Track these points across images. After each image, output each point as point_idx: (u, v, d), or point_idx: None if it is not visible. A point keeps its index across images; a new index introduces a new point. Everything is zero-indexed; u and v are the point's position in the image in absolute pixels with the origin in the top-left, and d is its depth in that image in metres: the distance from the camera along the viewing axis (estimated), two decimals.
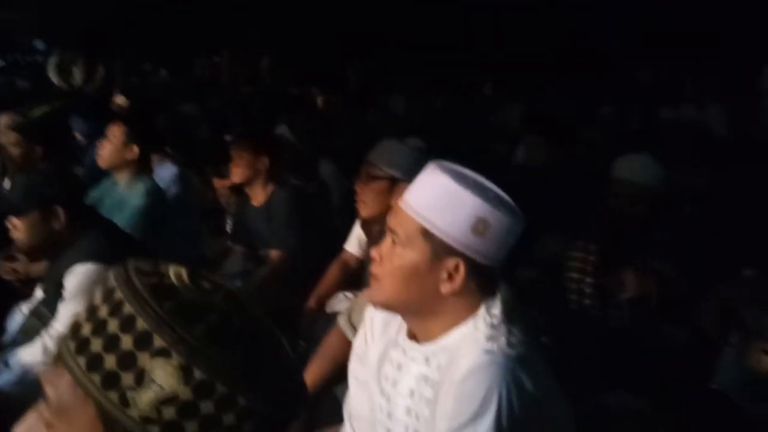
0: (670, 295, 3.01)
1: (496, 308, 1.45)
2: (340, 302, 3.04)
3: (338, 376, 2.35)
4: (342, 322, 2.39)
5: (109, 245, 2.37)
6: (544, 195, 3.95)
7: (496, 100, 7.06)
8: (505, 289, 1.61)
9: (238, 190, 4.23)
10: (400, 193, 2.16)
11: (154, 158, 3.67)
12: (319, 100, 6.23)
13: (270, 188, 3.50)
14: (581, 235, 3.16)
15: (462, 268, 1.42)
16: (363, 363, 1.68)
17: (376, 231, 2.88)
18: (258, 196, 3.54)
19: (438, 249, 1.42)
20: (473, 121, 6.56)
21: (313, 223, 3.46)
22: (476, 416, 1.35)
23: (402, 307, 1.52)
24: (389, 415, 1.56)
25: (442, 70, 7.68)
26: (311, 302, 3.09)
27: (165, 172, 3.77)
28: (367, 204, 2.78)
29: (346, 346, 2.30)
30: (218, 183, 4.38)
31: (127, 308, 0.84)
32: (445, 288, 1.43)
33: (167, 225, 3.30)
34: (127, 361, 0.82)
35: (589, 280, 3.10)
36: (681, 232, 3.23)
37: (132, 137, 3.30)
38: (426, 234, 1.42)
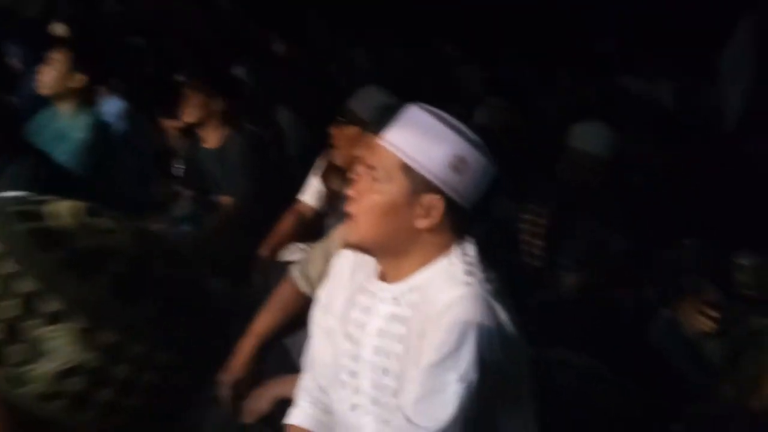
0: (616, 262, 3.04)
1: (470, 248, 1.49)
2: (294, 253, 2.98)
3: (288, 327, 2.30)
4: (295, 273, 2.32)
5: (43, 175, 2.19)
6: (502, 158, 3.92)
7: (456, 60, 6.98)
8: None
9: (189, 131, 4.06)
10: (371, 141, 2.12)
11: (100, 91, 3.44)
12: (282, 48, 6.03)
13: (224, 131, 3.35)
14: (533, 199, 3.23)
15: (439, 204, 1.43)
16: (326, 312, 1.66)
17: (338, 182, 2.81)
18: (211, 138, 3.38)
19: (417, 184, 1.43)
20: (433, 78, 6.47)
21: (268, 171, 3.33)
22: (459, 345, 1.36)
23: (377, 245, 1.52)
24: (355, 358, 1.54)
25: (404, 26, 7.53)
26: (264, 251, 3.01)
27: (111, 107, 3.56)
28: (340, 149, 2.68)
29: (299, 297, 2.28)
30: (167, 123, 4.20)
31: (9, 264, 0.67)
32: (422, 223, 1.45)
33: (112, 164, 3.10)
34: (12, 332, 0.66)
35: (538, 242, 3.18)
36: (628, 200, 3.25)
37: (77, 65, 3.06)
38: (406, 169, 1.43)
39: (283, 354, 2.34)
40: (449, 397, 1.35)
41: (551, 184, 3.27)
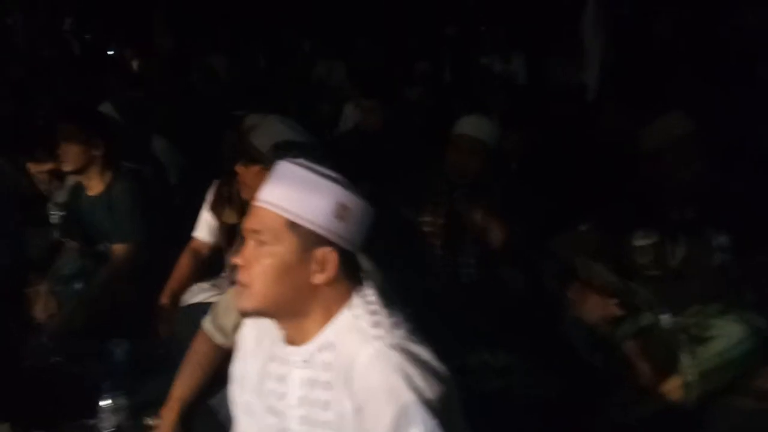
0: (510, 239, 3.16)
1: (370, 294, 1.48)
2: (196, 294, 2.90)
3: (211, 385, 2.23)
4: (207, 326, 2.25)
5: None
6: (385, 160, 3.97)
7: (314, 57, 6.92)
8: (371, 271, 1.69)
9: (58, 174, 3.84)
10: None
11: None
12: (134, 64, 5.76)
13: (107, 176, 3.19)
14: (426, 201, 3.26)
15: (332, 256, 1.43)
16: (242, 386, 1.61)
17: (232, 214, 2.75)
18: (94, 185, 3.21)
19: (306, 240, 1.43)
20: (295, 79, 6.40)
21: (156, 211, 3.19)
22: (402, 410, 1.33)
23: (275, 309, 1.48)
24: (283, 431, 1.51)
25: (257, 26, 7.37)
26: (165, 298, 2.90)
27: None
28: (250, 187, 2.58)
29: (216, 352, 2.22)
30: (34, 168, 3.95)
31: None
32: (318, 279, 1.43)
33: None
34: None
35: (439, 242, 3.23)
36: (510, 189, 3.35)
37: None
38: (293, 226, 1.42)
39: (209, 415, 2.28)
40: None
41: (441, 181, 3.29)
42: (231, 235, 2.84)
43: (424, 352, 1.40)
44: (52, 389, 2.56)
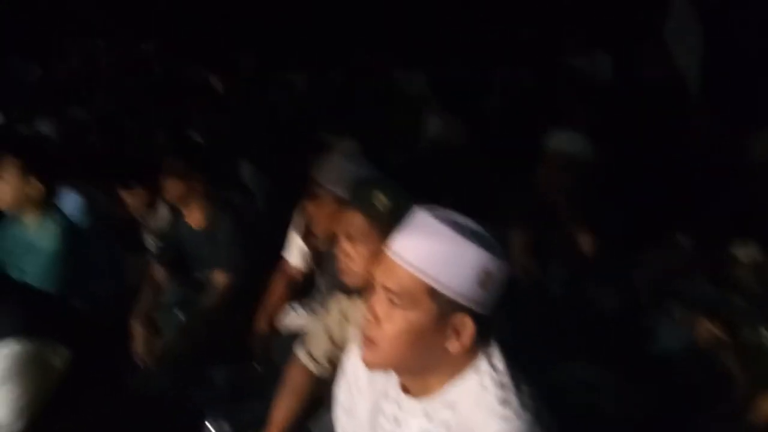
0: (599, 248, 3.08)
1: (497, 359, 1.41)
2: (291, 318, 2.97)
3: (308, 410, 2.27)
4: (300, 353, 2.29)
5: (28, 315, 2.09)
6: (470, 176, 3.94)
7: (391, 68, 6.87)
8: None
9: (151, 201, 3.96)
10: (348, 221, 2.07)
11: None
12: (218, 85, 5.86)
13: (208, 208, 3.29)
14: (517, 218, 3.22)
15: (470, 324, 1.36)
16: (351, 416, 1.60)
17: (324, 247, 2.78)
18: (195, 217, 3.32)
19: (445, 307, 1.34)
20: (375, 90, 6.38)
21: (250, 238, 3.26)
22: None
23: (403, 368, 1.44)
24: None
25: (331, 44, 7.37)
26: (261, 323, 2.98)
27: (69, 202, 3.40)
28: (320, 224, 2.63)
29: (310, 379, 2.27)
30: (127, 196, 4.07)
31: None
32: (454, 346, 1.37)
33: (86, 263, 2.98)
34: None
35: (529, 258, 3.18)
36: (596, 199, 3.28)
37: (29, 169, 2.85)
38: (433, 293, 1.33)
39: None
40: None
41: (530, 198, 3.27)
42: (321, 260, 2.88)
43: None
44: (159, 417, 2.63)
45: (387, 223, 1.94)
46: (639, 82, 5.00)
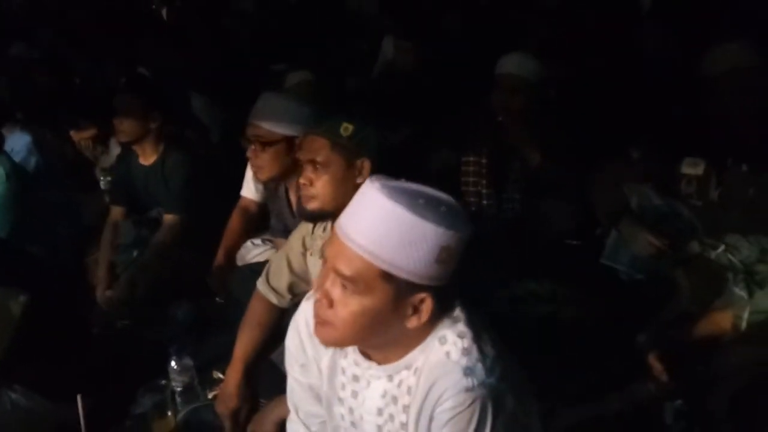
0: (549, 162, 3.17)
1: (461, 322, 1.37)
2: (249, 251, 2.96)
3: (271, 342, 2.30)
4: (262, 287, 2.30)
5: None
6: (425, 100, 3.91)
7: None
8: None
9: (102, 140, 3.89)
10: (299, 148, 2.09)
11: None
12: (164, 12, 5.65)
13: (160, 146, 3.22)
14: (470, 141, 3.25)
15: (428, 300, 1.31)
16: (306, 370, 1.58)
17: (273, 186, 2.77)
18: (147, 154, 3.25)
19: (402, 288, 1.29)
20: (328, 14, 6.24)
21: (205, 175, 3.22)
22: None
23: (361, 345, 1.42)
24: (354, 425, 1.50)
25: None
26: (219, 258, 2.97)
27: (17, 142, 3.32)
28: (264, 168, 2.61)
29: (272, 311, 2.29)
30: (77, 135, 3.99)
31: None
32: (413, 323, 1.33)
33: (38, 206, 2.93)
34: None
35: (484, 181, 3.24)
36: (552, 117, 3.28)
37: None
38: (388, 277, 1.27)
39: (273, 371, 2.35)
40: None
41: (484, 121, 3.27)
42: (275, 189, 2.87)
43: (511, 402, 1.34)
44: (122, 355, 2.65)
45: (350, 149, 2.00)
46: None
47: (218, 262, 2.95)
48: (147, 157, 3.25)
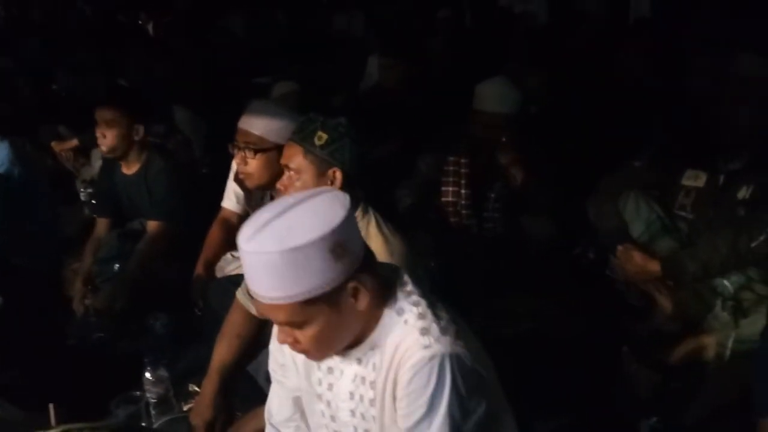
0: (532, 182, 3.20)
1: (415, 296, 1.46)
2: (229, 263, 2.94)
3: (249, 353, 2.28)
4: (240, 296, 2.28)
5: None
6: (409, 116, 3.94)
7: (332, 9, 6.77)
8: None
9: (83, 151, 3.87)
10: (288, 154, 2.09)
11: None
12: (150, 27, 5.66)
13: (143, 156, 3.21)
14: (450, 151, 3.28)
15: (359, 285, 1.39)
16: (285, 369, 1.66)
17: (259, 194, 2.77)
18: (130, 164, 3.23)
19: (331, 298, 1.37)
20: (315, 34, 6.30)
21: (187, 185, 3.21)
22: (430, 408, 1.40)
23: (342, 346, 1.49)
24: (333, 418, 1.57)
25: None
26: (199, 269, 2.94)
27: None
28: (254, 175, 2.59)
29: (251, 321, 2.26)
30: (58, 146, 3.96)
31: None
32: (362, 304, 1.41)
33: (17, 215, 2.91)
34: None
35: (464, 191, 3.27)
36: (531, 133, 3.34)
37: None
38: (313, 302, 1.35)
39: (250, 382, 2.34)
40: None
41: (465, 134, 3.29)
42: (256, 200, 2.86)
43: (468, 358, 1.41)
44: (97, 365, 2.62)
45: (322, 159, 2.00)
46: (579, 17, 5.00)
47: (197, 274, 2.93)
48: (130, 167, 3.23)
